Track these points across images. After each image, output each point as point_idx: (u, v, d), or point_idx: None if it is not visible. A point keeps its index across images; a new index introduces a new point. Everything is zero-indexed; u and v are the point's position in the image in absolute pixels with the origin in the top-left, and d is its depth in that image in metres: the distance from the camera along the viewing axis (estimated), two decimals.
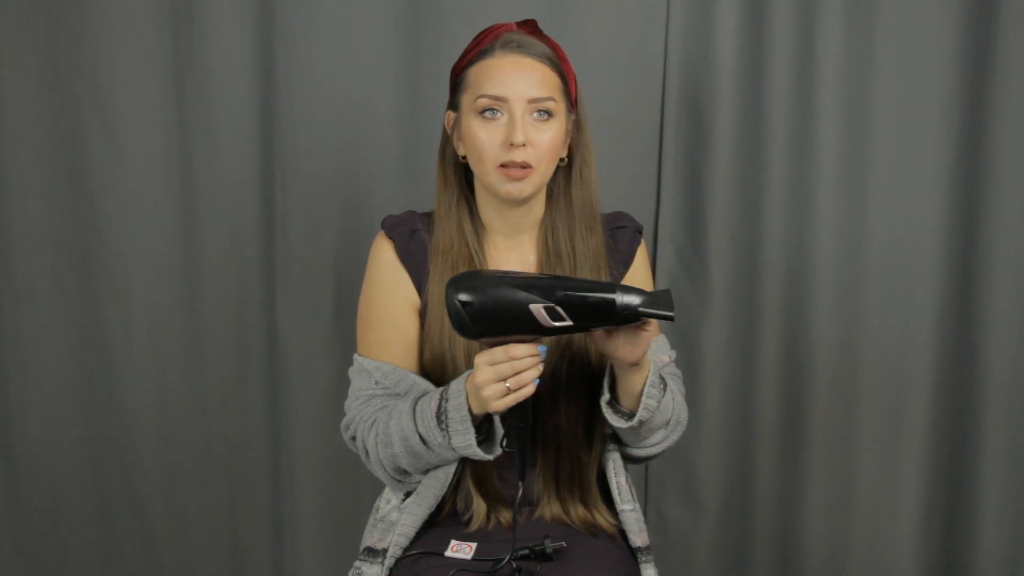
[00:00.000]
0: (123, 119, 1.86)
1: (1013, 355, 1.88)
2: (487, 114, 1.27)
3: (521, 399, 1.17)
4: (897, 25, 1.84)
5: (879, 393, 1.94)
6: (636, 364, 1.22)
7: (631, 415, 1.27)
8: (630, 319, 1.13)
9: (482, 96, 1.27)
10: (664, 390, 1.29)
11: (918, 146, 1.87)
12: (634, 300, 1.12)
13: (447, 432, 1.23)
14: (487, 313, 1.13)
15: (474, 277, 1.14)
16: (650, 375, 1.25)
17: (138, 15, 1.83)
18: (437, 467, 1.32)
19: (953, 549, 1.96)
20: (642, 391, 1.25)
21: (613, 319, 1.13)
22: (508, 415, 1.21)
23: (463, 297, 1.13)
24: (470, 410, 1.22)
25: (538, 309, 1.12)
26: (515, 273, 1.16)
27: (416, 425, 1.25)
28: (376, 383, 1.33)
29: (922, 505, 1.96)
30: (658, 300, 1.13)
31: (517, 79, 1.26)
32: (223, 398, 1.96)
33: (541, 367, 1.17)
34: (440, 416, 1.23)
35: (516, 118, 1.25)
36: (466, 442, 1.22)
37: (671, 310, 1.12)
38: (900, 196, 1.89)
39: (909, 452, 1.95)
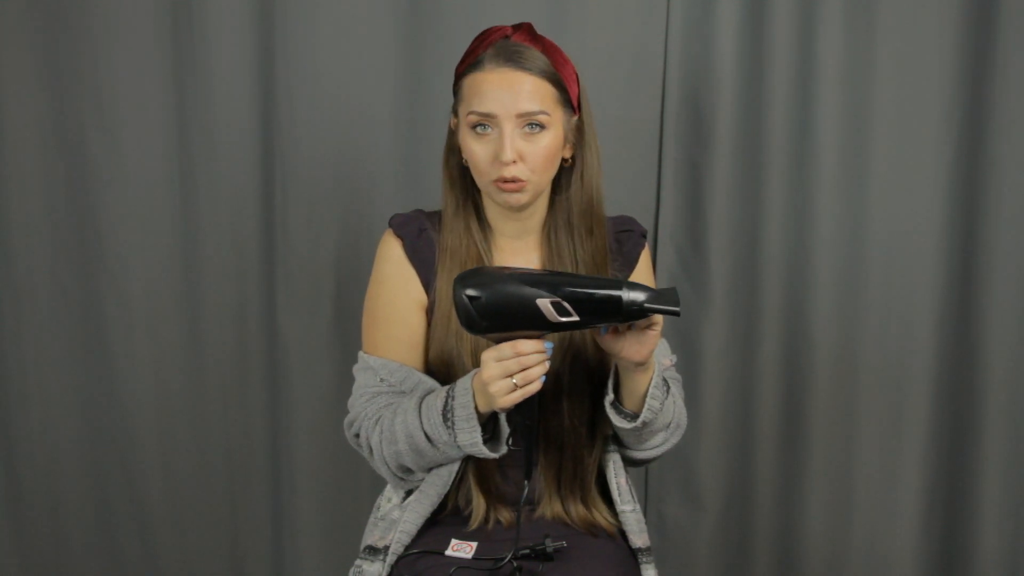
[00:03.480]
0: (123, 119, 1.86)
1: (1013, 355, 1.88)
2: (478, 129, 1.27)
3: (528, 395, 1.17)
4: (897, 25, 1.84)
5: (879, 393, 1.94)
6: (642, 364, 1.22)
7: (634, 416, 1.27)
8: (636, 315, 1.14)
9: (471, 112, 1.27)
10: (667, 392, 1.29)
11: (918, 146, 1.87)
12: (640, 296, 1.13)
13: (453, 430, 1.23)
14: (494, 308, 1.13)
15: (481, 273, 1.15)
16: (654, 376, 1.25)
17: (138, 15, 1.83)
18: (441, 465, 1.32)
19: (953, 549, 1.96)
20: (646, 392, 1.25)
21: (619, 315, 1.13)
22: (514, 412, 1.21)
23: (471, 292, 1.13)
24: (476, 408, 1.22)
25: (545, 304, 1.12)
26: (522, 269, 1.17)
27: (422, 423, 1.25)
28: (381, 380, 1.33)
29: (922, 505, 1.96)
30: (664, 296, 1.14)
31: (505, 95, 1.25)
32: (223, 398, 1.96)
33: (548, 363, 1.18)
34: (446, 414, 1.23)
35: (505, 135, 1.25)
36: (472, 440, 1.22)
37: (677, 306, 1.13)
38: (900, 196, 1.89)
39: (909, 452, 1.94)
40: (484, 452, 1.24)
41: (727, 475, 2.01)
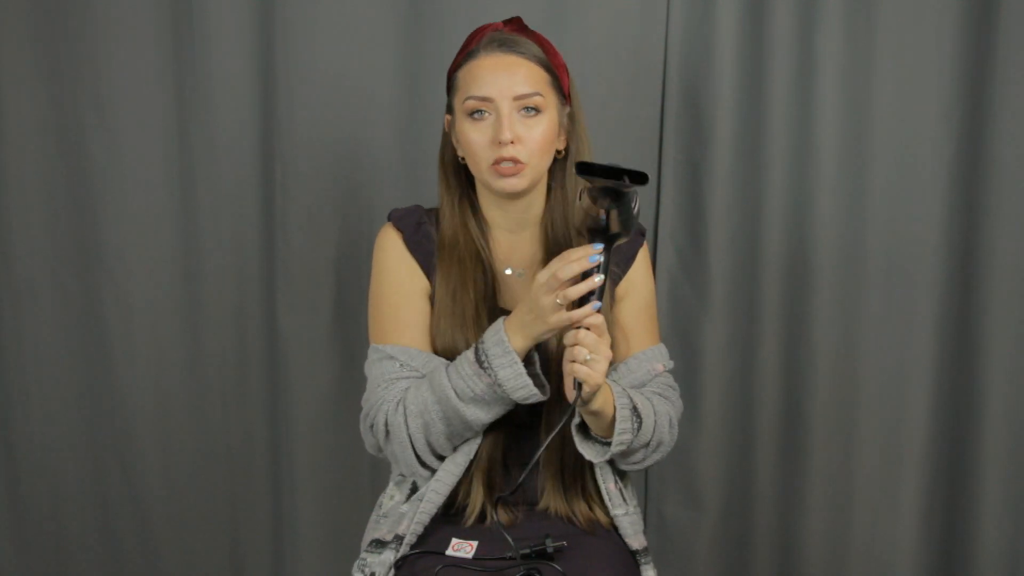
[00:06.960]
0: (123, 119, 1.86)
1: (1013, 355, 1.87)
2: (476, 115, 1.29)
3: (573, 320, 1.16)
4: (897, 25, 1.84)
5: (879, 393, 1.94)
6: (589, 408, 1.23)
7: (606, 443, 1.28)
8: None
9: (469, 98, 1.29)
10: (638, 424, 1.27)
11: (918, 145, 1.87)
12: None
13: (492, 370, 1.22)
14: None
15: None
16: (618, 420, 1.24)
17: (138, 15, 1.83)
18: (466, 440, 1.31)
19: (953, 549, 1.96)
20: (612, 425, 1.25)
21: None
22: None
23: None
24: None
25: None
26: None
27: (451, 382, 1.24)
28: (401, 366, 1.31)
29: (922, 505, 1.96)
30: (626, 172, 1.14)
31: (501, 78, 1.28)
32: (223, 398, 1.96)
33: (600, 278, 1.16)
34: (480, 358, 1.22)
35: (503, 116, 1.27)
36: (515, 373, 1.21)
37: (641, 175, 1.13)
38: (900, 195, 1.89)
39: (909, 452, 1.94)
40: (529, 385, 1.22)
41: (727, 475, 2.01)
